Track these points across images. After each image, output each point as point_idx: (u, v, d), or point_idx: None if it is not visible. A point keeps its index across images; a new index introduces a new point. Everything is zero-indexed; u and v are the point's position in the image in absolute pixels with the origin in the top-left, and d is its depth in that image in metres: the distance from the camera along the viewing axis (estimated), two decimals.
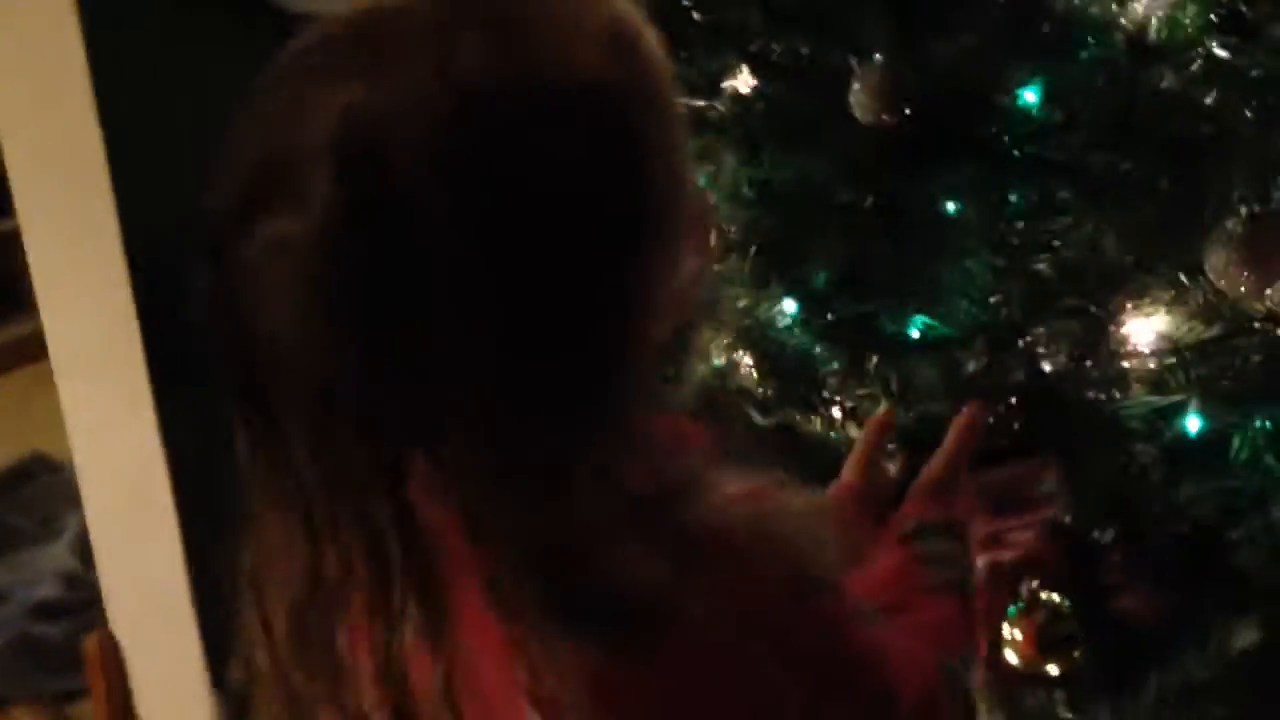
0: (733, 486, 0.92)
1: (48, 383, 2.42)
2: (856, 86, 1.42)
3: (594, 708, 0.86)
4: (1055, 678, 1.47)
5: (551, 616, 0.84)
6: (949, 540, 1.22)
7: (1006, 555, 1.40)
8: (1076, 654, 1.49)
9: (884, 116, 1.42)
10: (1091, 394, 1.51)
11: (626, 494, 0.85)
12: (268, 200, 0.82)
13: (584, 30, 0.86)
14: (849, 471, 1.36)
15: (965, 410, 1.38)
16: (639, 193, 0.87)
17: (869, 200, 1.49)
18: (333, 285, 0.81)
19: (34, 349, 2.51)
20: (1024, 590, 1.47)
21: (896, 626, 1.06)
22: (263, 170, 0.84)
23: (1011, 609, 1.52)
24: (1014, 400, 1.53)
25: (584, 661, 0.84)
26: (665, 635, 0.85)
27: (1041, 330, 1.50)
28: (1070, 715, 1.49)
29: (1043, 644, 1.50)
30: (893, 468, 1.44)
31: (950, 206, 1.49)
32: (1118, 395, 1.51)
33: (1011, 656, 1.50)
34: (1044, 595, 1.48)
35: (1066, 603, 1.47)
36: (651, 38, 0.91)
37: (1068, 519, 1.52)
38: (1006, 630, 1.49)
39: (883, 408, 1.42)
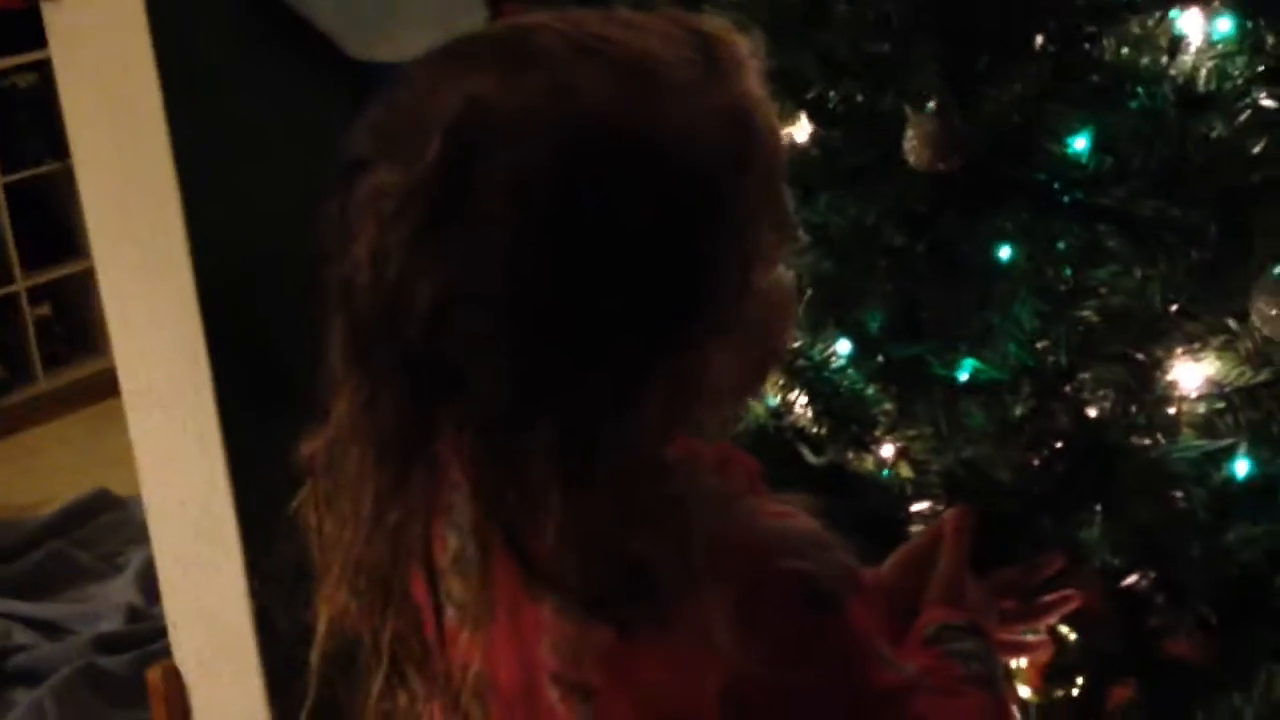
0: (767, 505, 0.97)
1: (114, 420, 2.47)
2: (910, 134, 1.45)
3: (606, 685, 0.92)
4: (1104, 715, 1.48)
5: (571, 597, 0.90)
6: (973, 638, 1.21)
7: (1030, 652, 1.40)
8: (1081, 681, 1.50)
9: (937, 163, 1.44)
10: (1137, 439, 1.52)
11: (649, 491, 0.90)
12: (385, 153, 0.91)
13: (708, 103, 0.91)
14: (888, 568, 1.33)
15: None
16: (709, 265, 0.90)
17: (921, 245, 1.51)
18: (406, 240, 0.88)
19: (102, 387, 2.56)
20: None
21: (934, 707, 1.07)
22: (390, 128, 0.92)
23: None
24: (1059, 445, 1.54)
25: (599, 641, 0.90)
26: (675, 619, 0.89)
27: (1087, 376, 1.52)
28: None
29: (1049, 674, 1.51)
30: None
31: (1001, 252, 1.51)
32: (1163, 440, 1.52)
33: (1022, 689, 1.51)
34: (1049, 628, 1.49)
35: (1072, 635, 1.48)
36: (770, 113, 0.95)
37: (1114, 563, 1.53)
38: (1015, 663, 1.50)
39: (954, 513, 1.34)
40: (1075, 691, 1.56)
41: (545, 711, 0.95)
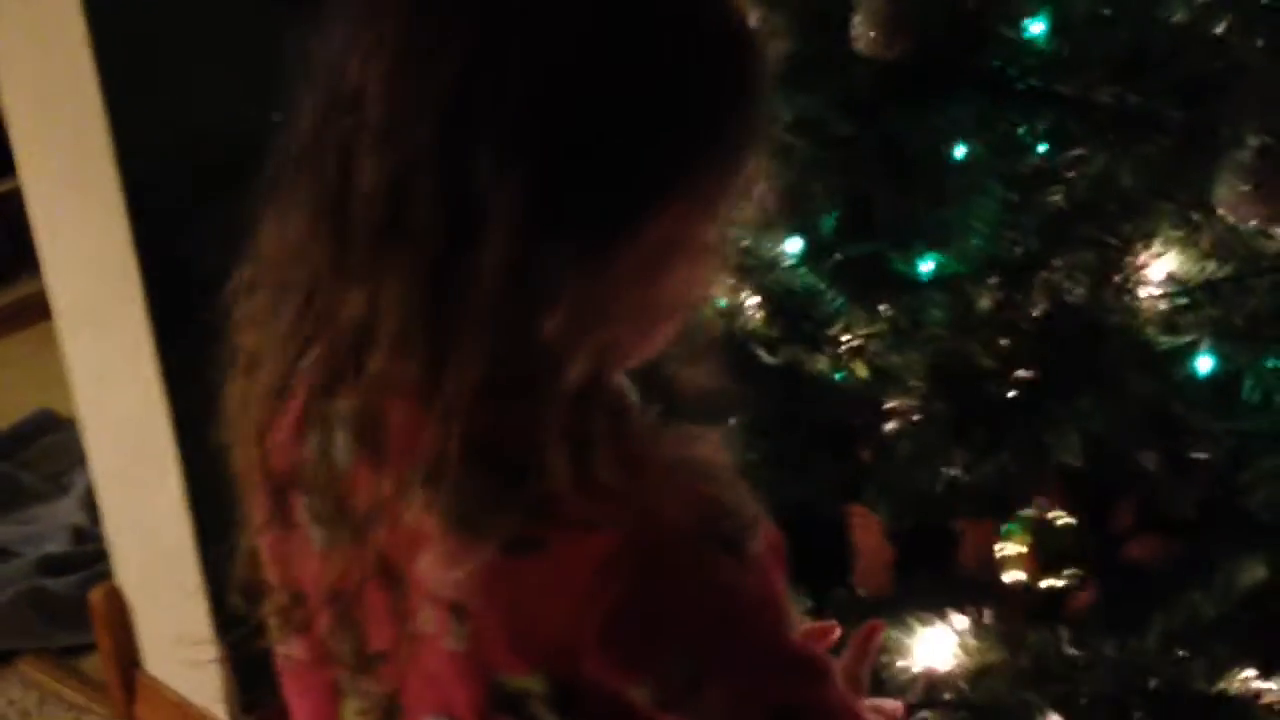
0: (676, 437, 0.91)
1: (57, 340, 2.42)
2: (858, 18, 1.40)
3: (484, 607, 0.87)
4: (1062, 615, 1.46)
5: (457, 510, 0.85)
6: None
7: None
8: (1077, 571, 1.47)
9: (886, 49, 1.39)
10: (1116, 320, 1.48)
11: (559, 402, 0.84)
12: None
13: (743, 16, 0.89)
14: None
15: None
16: (712, 129, 0.87)
17: (871, 136, 1.46)
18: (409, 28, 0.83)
19: (45, 306, 2.51)
20: (1031, 508, 1.45)
21: None
22: None
23: (1015, 525, 1.50)
24: (1036, 331, 1.50)
25: (481, 557, 0.85)
26: (559, 538, 0.85)
27: (1059, 262, 1.47)
28: (1076, 652, 1.47)
29: (1044, 560, 1.48)
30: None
31: (956, 141, 1.47)
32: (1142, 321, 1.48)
33: (1016, 573, 1.48)
34: (1051, 513, 1.46)
35: (1072, 521, 1.45)
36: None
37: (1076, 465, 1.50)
38: (1011, 548, 1.47)
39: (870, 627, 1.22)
40: (1063, 581, 1.53)
41: (417, 634, 0.90)
